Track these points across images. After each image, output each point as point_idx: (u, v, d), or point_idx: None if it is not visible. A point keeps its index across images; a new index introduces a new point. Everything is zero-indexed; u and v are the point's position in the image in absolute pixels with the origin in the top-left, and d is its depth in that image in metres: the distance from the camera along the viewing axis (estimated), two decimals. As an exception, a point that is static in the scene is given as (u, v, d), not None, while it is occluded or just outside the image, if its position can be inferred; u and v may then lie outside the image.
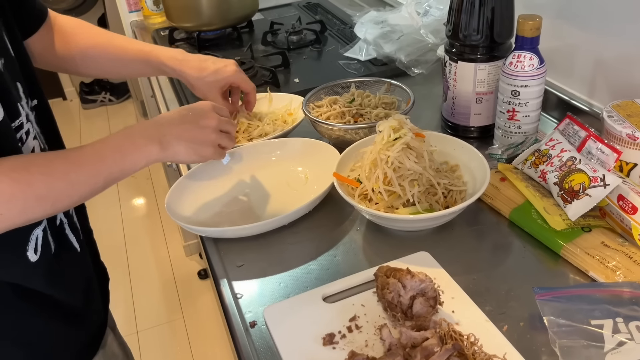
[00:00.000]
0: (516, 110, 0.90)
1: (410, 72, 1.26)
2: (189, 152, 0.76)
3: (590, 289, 0.67)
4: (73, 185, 0.64)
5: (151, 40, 1.70)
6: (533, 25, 0.84)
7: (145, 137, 0.71)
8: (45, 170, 0.61)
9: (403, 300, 0.65)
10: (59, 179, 0.62)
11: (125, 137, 0.70)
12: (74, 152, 0.66)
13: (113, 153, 0.68)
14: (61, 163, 0.63)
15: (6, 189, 0.57)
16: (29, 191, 0.59)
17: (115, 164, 0.68)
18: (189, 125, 0.76)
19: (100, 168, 0.67)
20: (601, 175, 0.75)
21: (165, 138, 0.73)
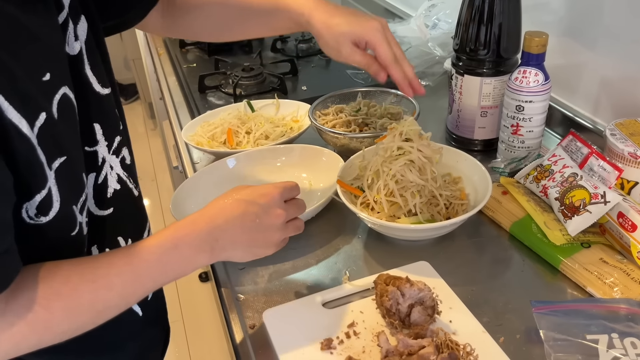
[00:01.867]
0: (520, 125, 0.91)
1: (417, 84, 1.27)
2: (246, 255, 0.65)
3: (587, 304, 0.67)
4: (100, 314, 0.55)
5: (162, 44, 1.72)
6: (539, 42, 0.85)
7: (195, 247, 0.59)
8: (68, 305, 0.52)
9: (401, 308, 0.66)
10: (84, 313, 0.54)
11: (170, 247, 0.58)
12: (104, 273, 0.55)
13: (151, 271, 0.57)
14: (87, 292, 0.53)
15: (18, 333, 0.50)
16: (44, 332, 0.52)
17: (154, 282, 0.58)
18: (250, 225, 0.63)
19: (134, 290, 0.57)
20: (602, 192, 0.75)
21: (219, 244, 0.61)
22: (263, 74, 1.35)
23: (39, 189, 0.52)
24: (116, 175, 0.67)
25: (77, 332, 0.55)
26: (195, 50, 1.62)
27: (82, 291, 0.53)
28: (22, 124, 0.49)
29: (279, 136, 1.06)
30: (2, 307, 0.49)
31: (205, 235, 0.60)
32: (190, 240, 0.60)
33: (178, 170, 1.32)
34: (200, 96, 1.32)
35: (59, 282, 0.52)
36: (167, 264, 0.58)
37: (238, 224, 0.62)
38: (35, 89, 0.51)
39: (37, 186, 0.52)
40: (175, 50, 1.62)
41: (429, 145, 0.80)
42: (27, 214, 0.52)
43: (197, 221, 0.61)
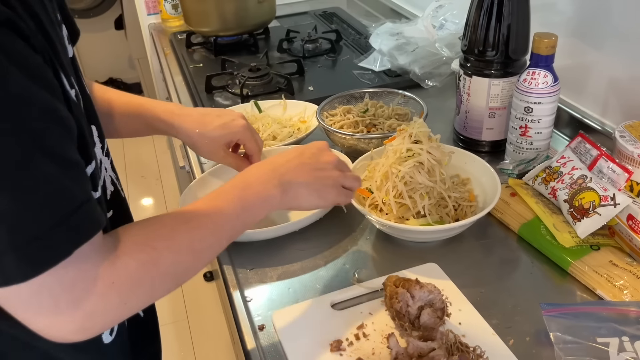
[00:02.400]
0: (529, 126, 0.91)
1: (424, 85, 1.27)
2: (311, 194, 0.68)
3: (597, 307, 0.67)
4: (198, 255, 0.58)
5: (169, 43, 1.73)
6: (549, 44, 0.85)
7: (264, 183, 0.64)
8: (170, 245, 0.54)
9: (411, 310, 0.66)
10: (185, 252, 0.56)
11: (244, 186, 0.64)
12: (192, 214, 0.58)
13: (232, 207, 0.61)
14: (184, 231, 0.56)
15: (133, 274, 0.51)
16: (155, 273, 0.53)
17: (238, 218, 0.61)
18: (308, 164, 0.68)
19: (223, 227, 0.60)
20: (612, 194, 0.75)
21: (285, 178, 0.66)
22: (270, 74, 1.36)
23: (90, 160, 0.55)
24: (109, 177, 0.68)
25: (181, 275, 0.56)
26: (201, 50, 1.62)
27: (179, 231, 0.56)
28: (72, 93, 0.52)
29: (286, 137, 1.06)
30: (114, 246, 0.50)
31: (270, 173, 0.66)
32: (259, 178, 0.65)
33: (185, 170, 1.32)
34: (207, 96, 1.33)
35: (157, 226, 0.55)
36: (245, 200, 0.62)
37: (297, 161, 0.68)
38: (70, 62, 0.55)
39: (87, 158, 0.54)
40: (181, 50, 1.62)
41: (438, 147, 0.80)
42: None
43: (259, 166, 0.68)
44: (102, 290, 0.48)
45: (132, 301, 0.52)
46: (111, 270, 0.49)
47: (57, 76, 0.49)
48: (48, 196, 0.44)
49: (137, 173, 2.90)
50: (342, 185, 0.71)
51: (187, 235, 0.56)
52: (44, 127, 0.44)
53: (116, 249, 0.50)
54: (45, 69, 0.46)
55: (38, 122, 0.43)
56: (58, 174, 0.45)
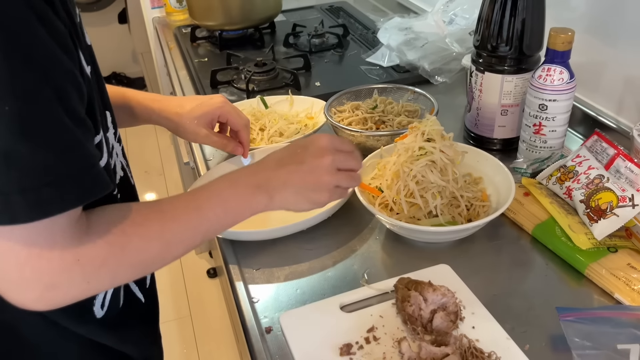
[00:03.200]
0: (543, 124, 0.89)
1: (433, 81, 1.25)
2: (299, 199, 0.65)
3: (616, 312, 0.65)
4: (168, 246, 0.57)
5: (173, 37, 1.70)
6: (565, 39, 0.83)
7: (251, 185, 0.63)
8: (141, 232, 0.55)
9: (423, 313, 0.64)
10: (154, 240, 0.56)
11: (228, 185, 0.62)
12: (170, 206, 0.59)
13: (214, 206, 0.60)
14: (157, 220, 0.56)
15: (99, 255, 0.51)
16: (121, 257, 0.53)
17: (217, 218, 0.60)
18: (298, 166, 0.64)
19: (200, 224, 0.59)
20: (630, 195, 0.73)
21: (271, 184, 0.63)
22: (276, 69, 1.33)
23: (96, 131, 0.56)
24: (120, 162, 0.68)
25: (148, 264, 0.57)
26: (206, 45, 1.60)
27: (152, 220, 0.56)
28: (87, 68, 0.55)
29: (293, 133, 1.04)
30: (86, 225, 0.51)
31: (258, 176, 0.64)
32: (245, 180, 0.63)
33: (189, 167, 1.30)
34: (212, 91, 1.30)
35: (132, 212, 0.56)
36: (227, 201, 0.61)
37: (287, 164, 0.65)
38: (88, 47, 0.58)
39: (95, 128, 0.55)
40: (186, 45, 1.60)
41: (452, 146, 0.78)
42: None
43: (250, 166, 0.67)
44: (67, 265, 0.49)
45: (95, 281, 0.53)
46: (78, 247, 0.50)
47: (75, 48, 0.51)
48: (65, 148, 0.46)
49: (141, 168, 2.89)
50: (338, 186, 0.67)
51: (159, 225, 0.56)
52: (65, 86, 0.47)
53: (88, 228, 0.51)
54: (66, 36, 0.49)
55: (61, 80, 0.46)
56: (74, 130, 0.47)
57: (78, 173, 0.47)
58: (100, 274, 0.52)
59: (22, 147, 0.44)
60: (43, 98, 0.45)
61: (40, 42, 0.44)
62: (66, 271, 0.50)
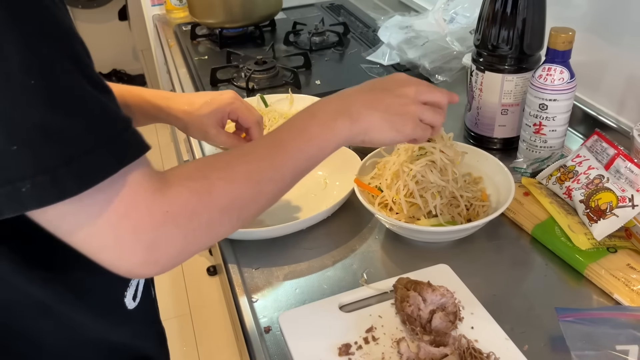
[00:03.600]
0: (543, 124, 0.89)
1: (434, 79, 1.24)
2: (385, 125, 0.61)
3: (615, 312, 0.65)
4: (258, 185, 0.55)
5: (173, 35, 1.70)
6: (566, 39, 0.83)
7: (331, 112, 0.59)
8: (225, 176, 0.52)
9: (422, 314, 0.64)
10: (242, 183, 0.53)
11: (308, 116, 0.59)
12: (251, 147, 0.57)
13: (295, 139, 0.57)
14: (240, 163, 0.54)
15: (186, 203, 0.49)
16: (210, 202, 0.51)
17: (300, 151, 0.57)
18: (382, 93, 0.62)
19: (284, 159, 0.56)
20: (630, 195, 0.73)
21: (355, 107, 0.60)
22: (276, 67, 1.33)
23: None
24: None
25: (242, 208, 0.54)
26: (206, 42, 1.60)
27: (235, 163, 0.54)
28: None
29: (293, 132, 1.03)
30: (164, 178, 0.49)
31: (339, 103, 0.61)
32: (325, 108, 0.60)
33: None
34: (212, 89, 1.30)
35: (211, 160, 0.54)
36: (309, 131, 0.58)
37: (368, 90, 0.63)
38: None
39: None
40: (186, 42, 1.60)
41: (452, 146, 0.78)
42: None
43: (328, 97, 0.63)
44: (158, 219, 0.47)
45: (191, 234, 0.50)
46: (163, 198, 0.48)
47: None
48: (96, 114, 0.45)
49: (141, 165, 2.89)
50: (421, 120, 0.64)
51: (243, 166, 0.54)
52: (81, 55, 0.45)
53: (167, 180, 0.49)
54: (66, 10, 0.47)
55: (77, 50, 0.45)
56: (100, 97, 0.46)
57: (115, 137, 0.45)
58: (193, 223, 0.49)
59: (56, 118, 0.42)
60: (64, 69, 0.43)
61: (51, 13, 0.43)
62: (160, 225, 0.47)
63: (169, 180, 0.49)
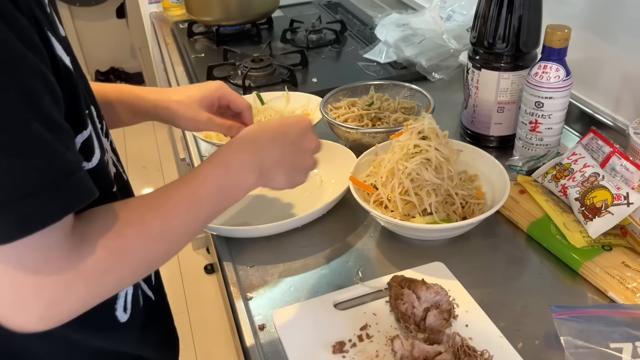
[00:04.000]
0: (539, 121, 0.89)
1: (431, 77, 1.24)
2: (286, 180, 0.66)
3: (610, 310, 0.65)
4: (171, 244, 0.55)
5: (170, 33, 1.70)
6: (562, 36, 0.82)
7: (244, 166, 0.61)
8: (141, 232, 0.52)
9: (417, 311, 0.64)
10: (157, 241, 0.53)
11: (222, 169, 0.60)
12: (165, 199, 0.55)
13: (209, 194, 0.58)
14: (155, 217, 0.53)
15: (101, 263, 0.48)
16: (124, 262, 0.50)
17: (213, 206, 0.59)
18: (291, 148, 0.65)
19: (198, 215, 0.57)
20: (625, 193, 0.73)
21: (265, 164, 0.62)
22: (273, 65, 1.33)
23: (81, 129, 0.53)
24: (110, 159, 0.66)
25: (151, 264, 0.55)
26: (203, 40, 1.59)
27: (150, 217, 0.53)
28: (66, 60, 0.51)
29: (289, 130, 1.03)
30: (80, 233, 0.48)
31: (252, 156, 0.62)
32: (240, 161, 0.61)
33: (185, 163, 1.30)
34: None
35: (127, 212, 0.52)
36: (223, 187, 0.59)
37: (279, 144, 0.64)
38: (64, 39, 0.54)
39: (79, 125, 0.53)
40: (183, 40, 1.59)
41: (447, 144, 0.78)
42: None
43: (242, 144, 0.63)
44: (67, 278, 0.46)
45: (98, 290, 0.50)
46: (77, 257, 0.47)
47: (49, 43, 0.48)
48: (39, 156, 0.43)
49: (139, 164, 2.88)
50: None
51: (157, 221, 0.53)
52: (33, 87, 0.43)
53: (83, 236, 0.48)
54: (30, 31, 0.45)
55: (28, 81, 0.43)
56: (49, 137, 0.43)
57: (56, 182, 0.44)
58: (103, 282, 0.49)
59: None
60: (9, 102, 0.41)
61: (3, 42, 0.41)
62: (67, 284, 0.46)
63: (85, 237, 0.48)
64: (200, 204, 0.57)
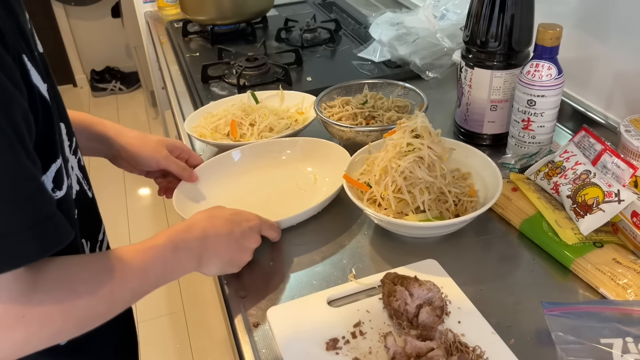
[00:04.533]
0: (531, 120, 0.89)
1: (424, 76, 1.25)
2: (218, 270, 0.71)
3: (601, 306, 0.65)
4: (113, 305, 0.57)
5: (165, 32, 1.70)
6: (553, 35, 0.83)
7: (190, 252, 0.65)
8: (91, 290, 0.53)
9: (409, 308, 0.64)
10: (102, 303, 0.54)
11: (171, 249, 0.63)
12: (119, 265, 0.56)
13: (156, 271, 0.61)
14: (106, 280, 0.54)
15: (47, 313, 0.49)
16: (69, 316, 0.51)
17: (157, 281, 0.61)
18: (233, 244, 0.70)
19: (143, 288, 0.60)
20: (616, 190, 0.73)
21: (207, 254, 0.67)
22: (267, 64, 1.33)
23: (55, 158, 0.54)
24: (75, 176, 0.66)
25: (90, 323, 0.55)
26: (198, 39, 1.59)
27: (102, 279, 0.54)
28: (42, 86, 0.52)
29: (283, 128, 1.04)
30: (33, 279, 0.48)
31: (198, 243, 0.66)
32: (187, 245, 0.65)
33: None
34: (203, 86, 1.30)
35: (80, 268, 0.54)
36: (170, 267, 0.62)
37: (225, 240, 0.69)
38: (39, 57, 0.54)
39: (53, 155, 0.53)
40: (177, 39, 1.59)
41: (439, 142, 0.78)
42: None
43: (192, 228, 0.67)
44: (9, 322, 0.46)
45: (35, 340, 0.49)
46: (25, 303, 0.47)
47: (27, 74, 0.48)
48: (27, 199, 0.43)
49: (134, 163, 2.88)
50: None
51: (108, 286, 0.55)
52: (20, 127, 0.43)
53: (36, 284, 0.48)
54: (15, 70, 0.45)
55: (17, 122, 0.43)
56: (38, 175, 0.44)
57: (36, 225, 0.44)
58: (44, 330, 0.49)
59: None
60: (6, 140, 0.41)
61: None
62: (7, 328, 0.46)
63: (38, 285, 0.48)
64: (147, 278, 0.60)
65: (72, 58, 3.62)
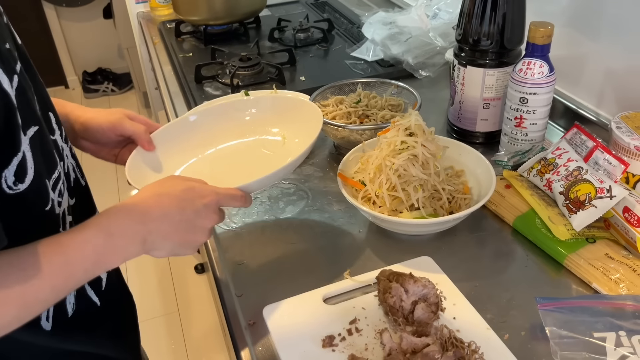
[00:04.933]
0: (524, 117, 0.90)
1: (417, 75, 1.25)
2: (168, 253, 0.62)
3: (593, 301, 0.66)
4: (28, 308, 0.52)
5: (157, 32, 1.69)
6: (545, 33, 0.84)
7: (128, 237, 0.57)
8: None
9: (405, 305, 0.64)
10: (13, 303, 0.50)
11: (104, 236, 0.56)
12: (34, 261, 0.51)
13: (85, 261, 0.54)
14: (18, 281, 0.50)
15: None
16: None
17: (86, 272, 0.55)
18: (184, 225, 0.61)
19: (67, 282, 0.54)
20: (608, 186, 0.74)
21: (151, 236, 0.59)
22: (260, 63, 1.33)
23: (16, 152, 0.52)
24: (70, 164, 0.66)
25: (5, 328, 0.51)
26: (191, 40, 1.59)
27: (12, 280, 0.50)
28: (4, 80, 0.50)
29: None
30: None
31: (139, 226, 0.58)
32: (124, 231, 0.57)
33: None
34: (197, 86, 1.30)
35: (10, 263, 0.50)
36: (102, 255, 0.55)
37: (173, 220, 0.60)
38: (6, 52, 0.53)
39: (13, 149, 0.52)
40: (170, 40, 1.59)
41: (433, 140, 0.79)
42: (6, 183, 0.52)
43: (131, 212, 0.59)
44: None
45: None
46: None
47: None
48: None
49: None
50: None
51: (19, 286, 0.50)
52: None
53: None
54: None
55: None
56: None
57: None
58: None
59: None
60: None
61: None
62: None
63: None
64: (72, 270, 0.54)
65: (63, 59, 3.60)
